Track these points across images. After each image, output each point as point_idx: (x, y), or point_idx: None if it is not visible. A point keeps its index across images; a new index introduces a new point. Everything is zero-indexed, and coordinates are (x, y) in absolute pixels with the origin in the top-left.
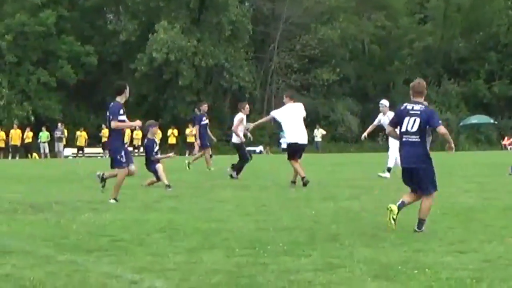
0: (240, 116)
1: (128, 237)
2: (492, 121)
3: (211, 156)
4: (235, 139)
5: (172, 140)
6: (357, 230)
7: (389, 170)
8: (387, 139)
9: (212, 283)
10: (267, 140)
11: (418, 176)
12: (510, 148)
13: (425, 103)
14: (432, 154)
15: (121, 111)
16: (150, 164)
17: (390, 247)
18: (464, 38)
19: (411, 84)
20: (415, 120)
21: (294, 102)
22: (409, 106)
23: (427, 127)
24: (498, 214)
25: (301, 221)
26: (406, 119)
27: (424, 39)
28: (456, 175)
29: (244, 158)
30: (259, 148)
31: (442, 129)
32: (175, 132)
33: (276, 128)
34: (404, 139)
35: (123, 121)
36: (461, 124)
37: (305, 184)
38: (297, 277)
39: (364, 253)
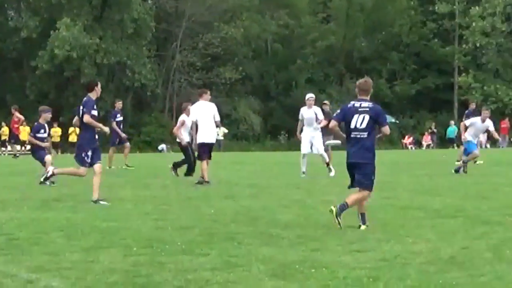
0: (181, 119)
1: (25, 236)
2: (393, 120)
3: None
4: (181, 140)
5: (73, 138)
6: (257, 229)
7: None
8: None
9: (109, 282)
10: (169, 138)
11: (361, 171)
12: (411, 147)
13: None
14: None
15: (95, 107)
16: (37, 151)
17: (288, 246)
18: (367, 37)
19: (357, 83)
20: (364, 117)
21: (205, 100)
22: (357, 104)
23: (375, 124)
24: (396, 213)
25: (200, 220)
26: (355, 116)
27: (326, 38)
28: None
29: (188, 159)
30: (161, 146)
31: (387, 129)
32: (77, 130)
33: None
34: (352, 135)
35: (95, 116)
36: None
37: (200, 183)
38: (194, 276)
39: (263, 252)
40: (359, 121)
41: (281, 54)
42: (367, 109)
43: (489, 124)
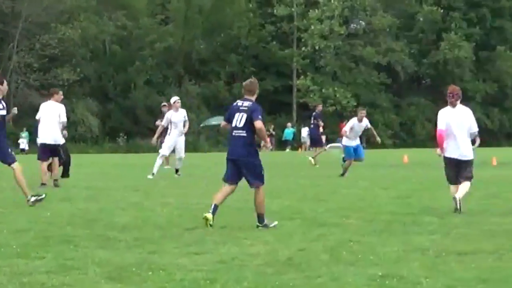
0: None
1: None
2: None
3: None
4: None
5: None
6: (93, 232)
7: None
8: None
9: None
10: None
11: (246, 168)
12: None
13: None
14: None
15: (1, 106)
16: None
17: (126, 249)
18: (205, 39)
19: (243, 83)
20: (242, 115)
21: (55, 101)
22: (240, 103)
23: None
24: (234, 215)
25: (36, 223)
26: (237, 115)
27: (165, 40)
28: (195, 176)
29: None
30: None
31: (258, 123)
32: None
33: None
34: (233, 133)
35: (3, 116)
36: (201, 125)
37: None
38: (30, 279)
39: (99, 254)
40: (239, 119)
41: (119, 56)
42: (246, 108)
43: (367, 122)
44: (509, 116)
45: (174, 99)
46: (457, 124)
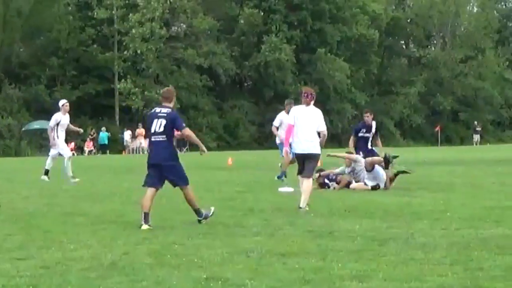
0: None
1: None
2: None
3: None
4: None
5: None
6: None
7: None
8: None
9: None
10: None
11: (168, 172)
12: (73, 153)
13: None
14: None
15: None
16: None
17: None
18: (25, 42)
19: (161, 91)
20: (161, 121)
21: None
22: (158, 110)
23: (173, 128)
24: (57, 219)
25: None
26: (155, 121)
27: None
28: (16, 181)
29: None
30: None
31: (186, 131)
32: None
33: None
34: (152, 139)
35: None
36: (23, 129)
37: None
38: None
39: None
40: (158, 125)
41: None
42: (165, 114)
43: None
44: (331, 118)
45: (62, 102)
46: (305, 122)
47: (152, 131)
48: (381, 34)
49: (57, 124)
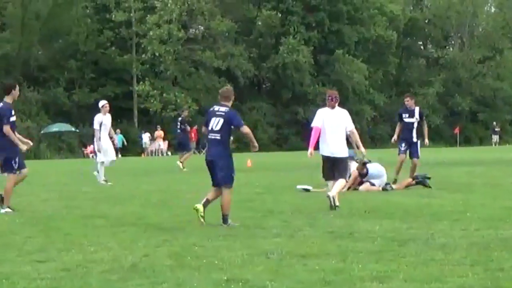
0: None
1: None
2: (73, 129)
3: None
4: None
5: None
6: None
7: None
8: None
9: None
10: None
11: (218, 168)
12: (92, 156)
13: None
14: None
15: (12, 112)
16: None
17: None
18: (43, 45)
19: (220, 90)
20: (219, 120)
21: None
22: (216, 108)
23: (231, 127)
24: (77, 222)
25: None
26: (213, 119)
27: (2, 47)
28: (35, 184)
29: None
30: None
31: (245, 128)
32: None
33: None
34: (209, 136)
35: (13, 122)
36: (42, 132)
37: None
38: None
39: None
40: (215, 123)
41: None
42: (223, 113)
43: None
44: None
45: (102, 103)
46: (333, 125)
47: (209, 128)
48: (399, 34)
49: (100, 126)
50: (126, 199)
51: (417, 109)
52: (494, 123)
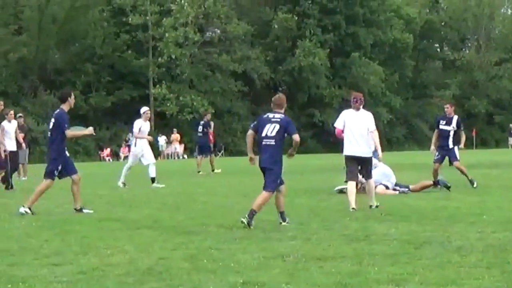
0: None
1: None
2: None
3: None
4: None
5: None
6: None
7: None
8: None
9: None
10: None
11: (269, 174)
12: (109, 159)
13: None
14: None
15: (68, 120)
16: None
17: None
18: (60, 49)
19: (273, 98)
20: (275, 126)
21: None
22: (271, 115)
23: (285, 133)
24: (94, 225)
25: None
26: (268, 125)
27: (19, 50)
28: (51, 187)
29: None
30: None
31: (297, 137)
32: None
33: None
34: (263, 142)
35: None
36: None
37: None
38: None
39: None
40: (270, 130)
41: None
42: (279, 119)
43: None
44: None
45: (144, 109)
46: (357, 127)
47: (263, 135)
48: (415, 37)
49: (138, 131)
50: (142, 202)
51: (455, 118)
52: (511, 125)
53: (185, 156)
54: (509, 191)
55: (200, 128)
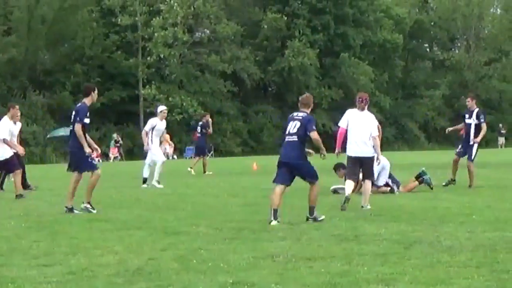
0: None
1: None
2: None
3: None
4: None
5: None
6: None
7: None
8: None
9: None
10: None
11: (298, 170)
12: (98, 160)
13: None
14: None
15: (87, 114)
16: None
17: None
18: (49, 50)
19: (300, 97)
20: (296, 123)
21: None
22: (295, 114)
23: (306, 130)
24: (83, 226)
25: None
26: (291, 123)
27: (8, 51)
28: (41, 188)
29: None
30: None
31: (314, 134)
32: None
33: None
34: (286, 139)
35: (87, 124)
36: (48, 136)
37: None
38: None
39: None
40: (292, 127)
41: None
42: (301, 117)
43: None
44: None
45: (162, 108)
46: (360, 126)
47: (287, 132)
48: (404, 37)
49: (152, 129)
50: (131, 203)
51: (475, 111)
52: (500, 125)
53: (175, 156)
54: (499, 191)
55: (198, 129)
